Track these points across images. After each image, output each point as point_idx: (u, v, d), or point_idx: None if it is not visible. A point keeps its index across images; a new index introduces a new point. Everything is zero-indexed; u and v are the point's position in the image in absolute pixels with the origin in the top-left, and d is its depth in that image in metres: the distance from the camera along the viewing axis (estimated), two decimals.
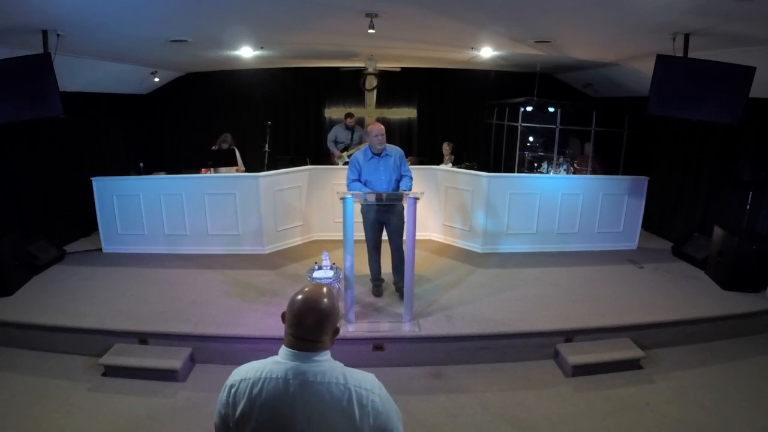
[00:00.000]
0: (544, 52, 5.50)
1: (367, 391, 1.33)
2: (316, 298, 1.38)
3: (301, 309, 1.36)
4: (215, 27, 4.42)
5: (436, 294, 4.52)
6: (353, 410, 1.30)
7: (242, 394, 1.33)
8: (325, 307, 1.37)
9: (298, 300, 1.38)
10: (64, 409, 3.23)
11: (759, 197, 4.91)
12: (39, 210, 5.65)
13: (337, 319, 1.42)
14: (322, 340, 1.37)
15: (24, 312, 4.10)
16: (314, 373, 1.32)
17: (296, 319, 1.36)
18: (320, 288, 1.42)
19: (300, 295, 1.39)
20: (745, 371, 3.74)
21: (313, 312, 1.36)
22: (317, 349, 1.36)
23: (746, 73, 3.82)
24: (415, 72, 8.36)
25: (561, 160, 7.09)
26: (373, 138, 4.17)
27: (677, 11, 3.26)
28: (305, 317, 1.35)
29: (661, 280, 4.96)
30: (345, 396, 1.31)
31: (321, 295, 1.39)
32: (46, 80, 3.84)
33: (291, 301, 1.39)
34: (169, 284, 4.73)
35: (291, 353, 1.36)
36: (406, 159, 4.41)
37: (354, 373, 1.37)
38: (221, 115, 8.49)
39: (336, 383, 1.32)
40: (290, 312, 1.38)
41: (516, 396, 3.46)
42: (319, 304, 1.37)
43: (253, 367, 1.37)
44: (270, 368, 1.34)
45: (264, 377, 1.33)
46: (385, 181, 4.23)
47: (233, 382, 1.37)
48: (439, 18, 3.96)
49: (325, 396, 1.30)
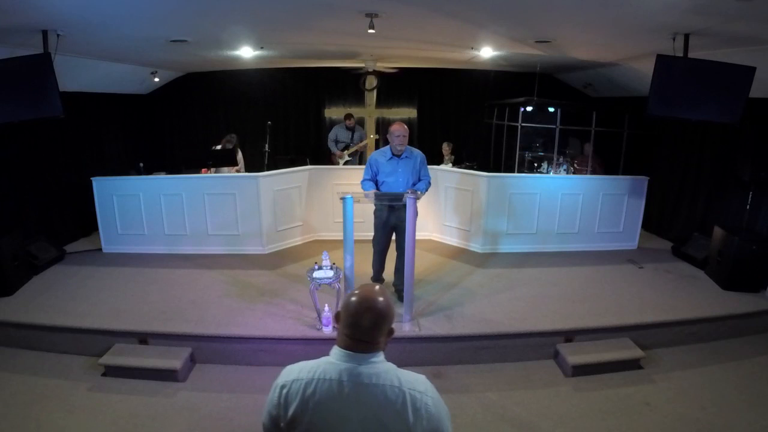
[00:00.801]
0: (544, 52, 5.51)
1: (420, 394, 1.32)
2: (373, 298, 1.36)
3: (357, 309, 1.34)
4: (215, 27, 4.42)
5: (436, 294, 4.52)
6: (407, 413, 1.28)
7: (295, 394, 1.31)
8: (382, 307, 1.35)
9: (354, 301, 1.36)
10: (64, 409, 3.23)
11: (759, 197, 4.91)
12: (39, 210, 5.65)
13: (393, 320, 1.40)
14: (378, 341, 1.36)
15: (24, 312, 4.10)
16: (369, 375, 1.31)
17: (352, 320, 1.34)
18: (374, 287, 1.40)
19: (355, 296, 1.37)
20: (745, 371, 3.74)
21: (370, 312, 1.34)
22: (372, 351, 1.35)
23: (746, 73, 3.82)
24: (415, 72, 8.36)
25: (561, 160, 7.09)
26: (395, 138, 4.06)
27: (677, 11, 3.26)
28: (362, 318, 1.33)
29: (661, 280, 4.96)
30: (399, 399, 1.29)
31: (377, 294, 1.37)
32: (46, 80, 3.83)
33: (346, 302, 1.37)
34: (169, 284, 4.73)
35: (345, 354, 1.34)
36: (426, 163, 4.30)
37: (407, 375, 1.35)
38: (221, 115, 8.50)
39: (391, 386, 1.30)
40: (346, 312, 1.35)
41: (516, 396, 3.46)
42: (376, 304, 1.35)
43: (306, 367, 1.36)
44: (323, 369, 1.33)
45: (317, 378, 1.31)
46: (402, 183, 4.13)
47: (284, 382, 1.35)
48: (439, 18, 3.95)
49: (379, 398, 1.29)
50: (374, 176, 4.20)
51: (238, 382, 3.57)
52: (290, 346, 3.78)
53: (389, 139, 4.15)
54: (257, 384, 3.55)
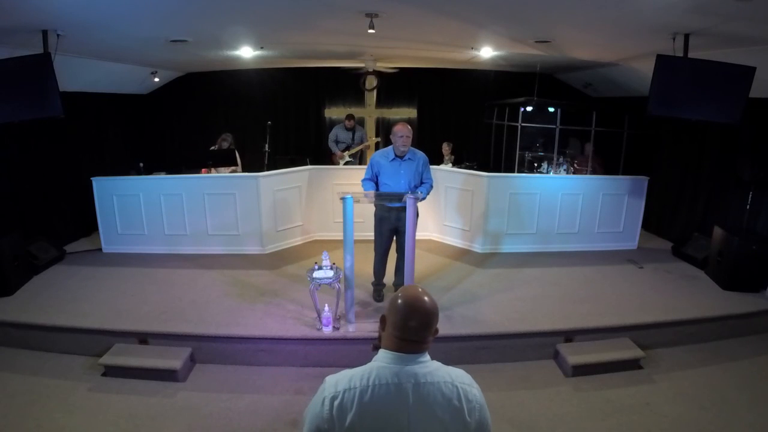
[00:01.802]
0: (544, 52, 5.50)
1: (469, 386, 1.35)
2: (420, 298, 1.37)
3: (406, 311, 1.35)
4: (215, 27, 4.42)
5: (437, 294, 4.46)
6: (462, 407, 1.31)
7: (349, 404, 1.28)
8: (430, 307, 1.36)
9: (401, 303, 1.36)
10: (64, 409, 3.23)
11: (759, 197, 4.91)
12: (39, 210, 5.65)
13: (438, 318, 1.40)
14: (426, 341, 1.37)
15: (24, 312, 4.10)
16: (424, 375, 1.32)
17: (403, 322, 1.34)
18: (417, 288, 1.41)
19: (402, 298, 1.38)
20: (745, 371, 3.74)
21: (419, 313, 1.35)
22: (422, 350, 1.36)
23: (746, 73, 3.82)
24: (415, 72, 8.36)
25: (561, 160, 7.09)
26: (398, 138, 3.99)
27: (677, 11, 3.25)
28: (411, 319, 1.34)
29: (661, 280, 4.96)
30: (455, 394, 1.32)
31: (422, 294, 1.38)
32: (46, 80, 3.83)
33: (393, 305, 1.38)
34: (169, 284, 4.73)
35: (397, 356, 1.34)
36: (429, 165, 4.23)
37: (454, 370, 1.38)
38: (221, 115, 8.50)
39: (445, 382, 1.33)
40: (395, 315, 1.36)
41: (516, 396, 3.46)
42: (424, 304, 1.36)
43: (355, 374, 1.33)
44: (377, 374, 1.32)
45: (372, 384, 1.30)
46: (404, 185, 4.06)
47: (334, 393, 1.30)
48: (439, 18, 3.95)
49: (437, 396, 1.30)
50: (374, 177, 4.16)
51: (238, 382, 3.57)
52: (290, 346, 3.78)
53: (392, 139, 4.09)
54: (257, 384, 3.55)
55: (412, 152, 4.12)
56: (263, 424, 3.14)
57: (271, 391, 3.46)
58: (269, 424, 3.13)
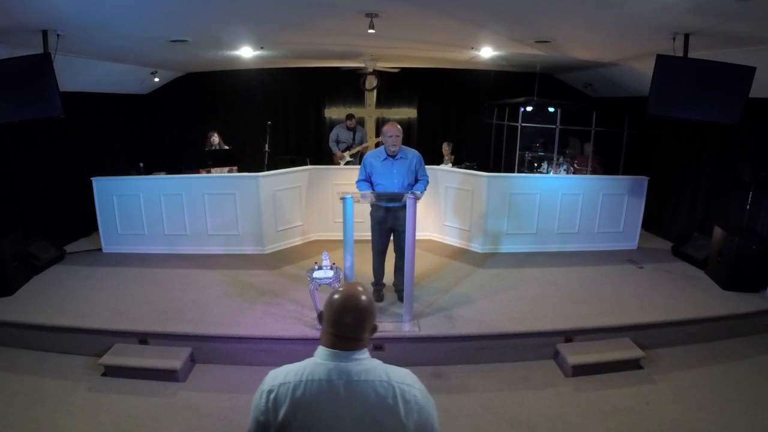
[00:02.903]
0: (544, 52, 5.50)
1: (409, 387, 1.34)
2: (356, 296, 1.38)
3: (341, 307, 1.36)
4: (215, 27, 4.42)
5: (436, 294, 4.52)
6: (398, 407, 1.30)
7: (283, 398, 1.31)
8: (365, 304, 1.38)
9: (337, 299, 1.38)
10: (64, 409, 3.23)
11: (759, 197, 4.91)
12: (39, 210, 5.65)
13: (375, 316, 1.42)
14: (362, 338, 1.37)
15: (24, 312, 4.10)
16: (358, 372, 1.32)
17: (337, 318, 1.35)
18: (356, 286, 1.42)
19: (338, 294, 1.39)
20: (745, 371, 3.74)
21: (354, 310, 1.36)
22: (357, 348, 1.36)
23: (746, 73, 3.82)
24: (415, 72, 8.36)
25: (561, 160, 7.09)
26: (387, 138, 4.00)
27: (677, 11, 3.26)
28: (346, 315, 1.35)
29: (661, 280, 4.96)
30: (390, 393, 1.31)
31: (359, 292, 1.39)
32: (46, 80, 3.83)
33: (329, 301, 1.39)
34: (169, 284, 4.73)
35: (331, 353, 1.35)
36: (424, 163, 4.21)
37: (395, 370, 1.37)
38: (221, 115, 8.49)
39: (380, 381, 1.32)
40: (329, 311, 1.37)
41: (516, 396, 3.46)
42: (359, 301, 1.37)
43: (291, 370, 1.35)
44: (311, 370, 1.33)
45: (305, 379, 1.31)
46: (397, 184, 4.05)
47: (271, 387, 1.34)
48: (439, 18, 3.95)
49: (371, 395, 1.30)
50: (368, 177, 4.15)
51: (238, 382, 3.57)
52: (290, 346, 3.78)
53: (382, 139, 4.10)
54: (257, 384, 3.51)
55: (403, 151, 4.11)
56: None
57: None
58: None
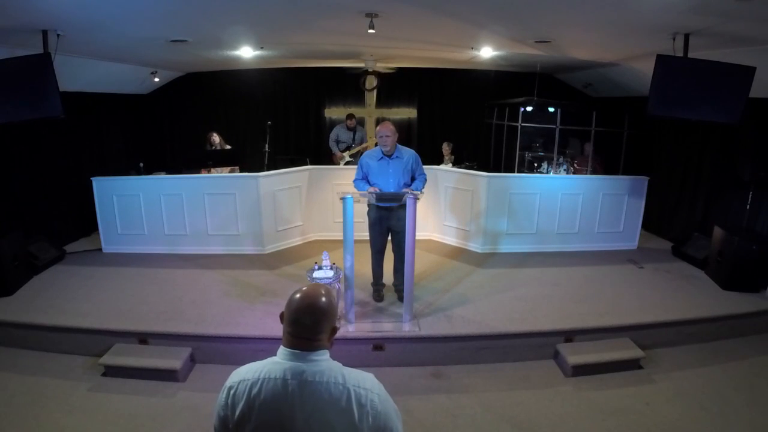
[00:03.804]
0: (544, 52, 5.50)
1: (366, 391, 1.33)
2: (315, 296, 1.38)
3: (299, 307, 1.37)
4: (215, 27, 4.42)
5: (436, 294, 4.52)
6: (352, 410, 1.29)
7: (241, 395, 1.33)
8: (323, 306, 1.37)
9: (296, 299, 1.38)
10: (64, 409, 3.23)
11: (759, 197, 4.91)
12: (39, 210, 5.65)
13: (335, 318, 1.41)
14: (319, 339, 1.37)
15: (24, 312, 4.10)
16: (312, 373, 1.32)
17: (294, 318, 1.36)
18: (318, 287, 1.43)
19: (298, 294, 1.40)
20: (745, 371, 3.74)
21: (311, 310, 1.36)
22: (315, 348, 1.36)
23: (746, 73, 3.82)
24: (415, 72, 8.36)
25: (561, 160, 7.09)
26: (379, 138, 4.03)
27: (677, 11, 3.26)
28: (303, 315, 1.35)
29: (661, 280, 4.96)
30: (344, 396, 1.30)
31: (319, 294, 1.39)
32: (46, 80, 3.83)
33: (289, 300, 1.39)
34: (169, 284, 4.73)
35: (289, 353, 1.36)
36: (421, 162, 4.22)
37: (353, 373, 1.37)
38: (221, 115, 8.49)
39: (335, 383, 1.32)
40: (288, 311, 1.38)
41: (516, 396, 3.46)
42: (317, 302, 1.37)
43: (252, 368, 1.37)
44: (268, 369, 1.34)
45: (262, 378, 1.33)
46: (393, 184, 4.06)
47: (232, 383, 1.36)
48: (439, 18, 3.95)
49: (323, 396, 1.30)
50: (365, 177, 4.17)
51: None
52: None
53: (377, 139, 4.12)
54: None
55: (399, 151, 4.11)
56: None
57: None
58: None
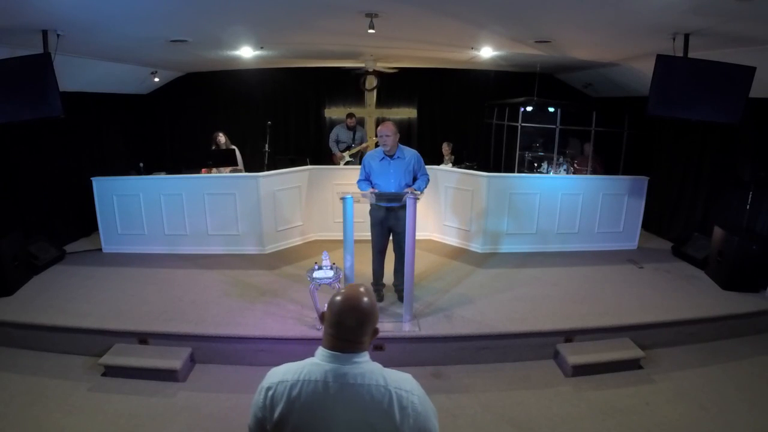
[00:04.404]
0: (544, 52, 5.50)
1: (407, 393, 1.32)
2: (357, 298, 1.37)
3: (342, 309, 1.35)
4: (215, 27, 4.42)
5: (436, 294, 4.52)
6: (394, 412, 1.28)
7: (280, 396, 1.31)
8: (366, 307, 1.36)
9: (339, 300, 1.36)
10: (64, 409, 3.23)
11: (759, 197, 4.91)
12: (39, 210, 5.65)
13: (377, 320, 1.40)
14: (362, 341, 1.36)
15: (24, 312, 4.10)
16: (354, 375, 1.31)
17: (337, 319, 1.34)
18: (359, 288, 1.41)
19: (340, 296, 1.38)
20: (745, 371, 3.74)
21: (355, 312, 1.35)
22: (357, 350, 1.35)
23: (746, 73, 3.82)
24: (415, 72, 8.35)
25: (561, 160, 7.09)
26: (380, 138, 4.03)
27: (677, 11, 3.26)
28: (346, 317, 1.34)
29: (661, 280, 4.96)
30: (386, 398, 1.29)
31: (361, 294, 1.38)
32: (46, 80, 3.83)
33: (330, 302, 1.38)
34: (169, 284, 4.73)
35: (330, 355, 1.34)
36: (423, 162, 4.20)
37: (393, 374, 1.36)
38: (221, 115, 8.49)
39: (376, 385, 1.30)
40: (330, 313, 1.36)
41: (516, 396, 3.46)
42: (360, 303, 1.36)
43: (291, 369, 1.36)
44: (308, 370, 1.33)
45: (302, 379, 1.31)
46: (394, 184, 4.05)
47: (270, 384, 1.35)
48: (439, 18, 3.95)
49: (365, 398, 1.29)
50: (367, 177, 4.17)
51: (238, 382, 3.57)
52: (290, 346, 3.78)
53: (378, 139, 4.12)
54: (257, 384, 3.51)
55: (401, 151, 4.11)
56: None
57: None
58: None
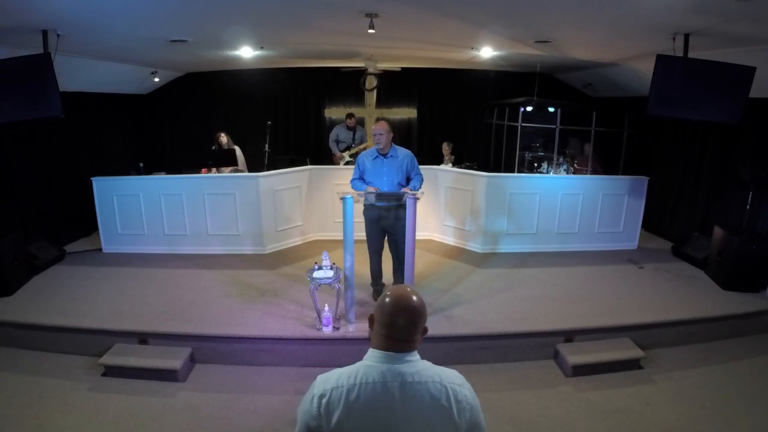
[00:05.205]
0: (544, 52, 5.50)
1: (460, 387, 1.34)
2: (408, 297, 1.37)
3: (394, 309, 1.35)
4: (215, 27, 4.42)
5: (436, 294, 4.52)
6: (452, 407, 1.30)
7: (336, 402, 1.29)
8: (417, 305, 1.37)
9: (389, 301, 1.37)
10: (64, 409, 3.23)
11: (759, 197, 4.91)
12: (39, 210, 5.65)
13: (426, 317, 1.40)
14: (415, 339, 1.36)
15: (24, 312, 4.10)
16: (411, 374, 1.31)
17: (390, 320, 1.34)
18: (406, 288, 1.42)
19: (389, 297, 1.38)
20: (745, 371, 3.74)
21: (406, 311, 1.35)
22: (409, 349, 1.35)
23: (746, 73, 3.82)
24: (415, 72, 8.36)
25: (561, 160, 7.09)
26: (373, 137, 4.07)
27: (677, 11, 3.26)
28: (398, 317, 1.34)
29: (661, 280, 4.96)
30: (443, 394, 1.31)
31: (410, 293, 1.38)
32: (46, 80, 3.83)
33: (381, 303, 1.38)
34: (169, 284, 4.73)
35: (384, 355, 1.34)
36: (417, 162, 4.21)
37: (445, 370, 1.37)
38: (221, 115, 8.50)
39: (433, 382, 1.32)
40: (381, 313, 1.36)
41: (516, 396, 3.46)
42: (411, 302, 1.36)
43: (344, 373, 1.34)
44: (363, 373, 1.32)
45: (359, 383, 1.30)
46: (387, 183, 4.07)
47: (323, 392, 1.32)
48: (439, 18, 3.95)
49: (425, 396, 1.30)
50: (361, 176, 4.18)
51: (238, 382, 3.57)
52: (290, 346, 3.78)
53: (372, 138, 4.13)
54: (257, 384, 3.55)
55: (394, 150, 4.12)
56: (263, 424, 3.14)
57: (271, 391, 3.46)
58: (269, 424, 3.13)
